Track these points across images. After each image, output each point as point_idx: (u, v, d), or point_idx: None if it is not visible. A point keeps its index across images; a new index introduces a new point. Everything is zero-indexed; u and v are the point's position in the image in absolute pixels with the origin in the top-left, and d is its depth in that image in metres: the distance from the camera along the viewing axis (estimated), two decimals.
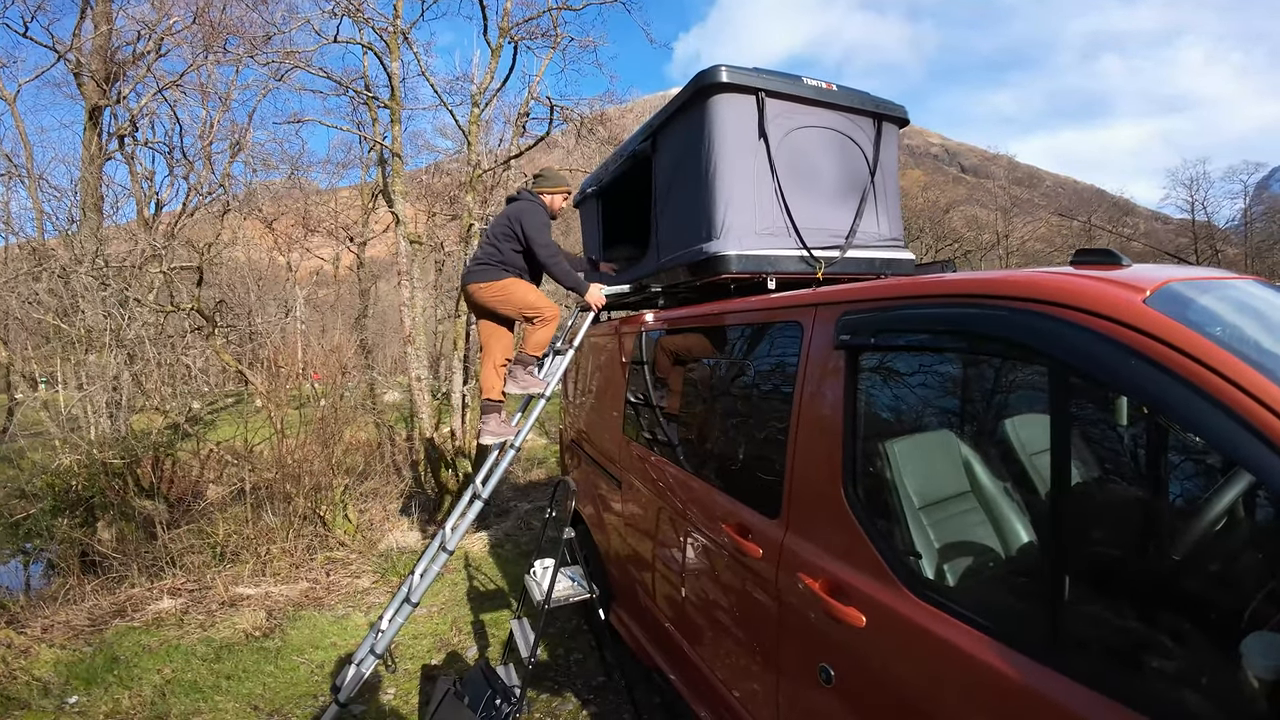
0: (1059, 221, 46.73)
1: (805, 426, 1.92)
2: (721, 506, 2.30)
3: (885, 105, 3.61)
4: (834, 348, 1.86)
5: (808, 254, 3.06)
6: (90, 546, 8.81)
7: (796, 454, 1.94)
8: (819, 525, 1.86)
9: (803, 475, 1.92)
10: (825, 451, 1.85)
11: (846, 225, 3.34)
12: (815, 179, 3.28)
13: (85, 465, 9.69)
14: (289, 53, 8.26)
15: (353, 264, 21.63)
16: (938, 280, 1.61)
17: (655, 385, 3.13)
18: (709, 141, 3.01)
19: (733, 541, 2.17)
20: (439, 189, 12.42)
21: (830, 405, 1.85)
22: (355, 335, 15.36)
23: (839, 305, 1.89)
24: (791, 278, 3.04)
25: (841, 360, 1.83)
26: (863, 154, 3.50)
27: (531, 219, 3.64)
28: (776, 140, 3.11)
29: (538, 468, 12.22)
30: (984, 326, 1.42)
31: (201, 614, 5.62)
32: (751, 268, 2.93)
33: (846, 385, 1.80)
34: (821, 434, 1.87)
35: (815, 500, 1.88)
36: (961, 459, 1.78)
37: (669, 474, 2.83)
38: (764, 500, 2.08)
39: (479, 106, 8.63)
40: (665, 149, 3.49)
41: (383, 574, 6.16)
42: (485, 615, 4.89)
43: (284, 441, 8.15)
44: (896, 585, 1.61)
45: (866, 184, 3.47)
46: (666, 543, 2.87)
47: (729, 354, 2.50)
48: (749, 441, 2.23)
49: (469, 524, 3.41)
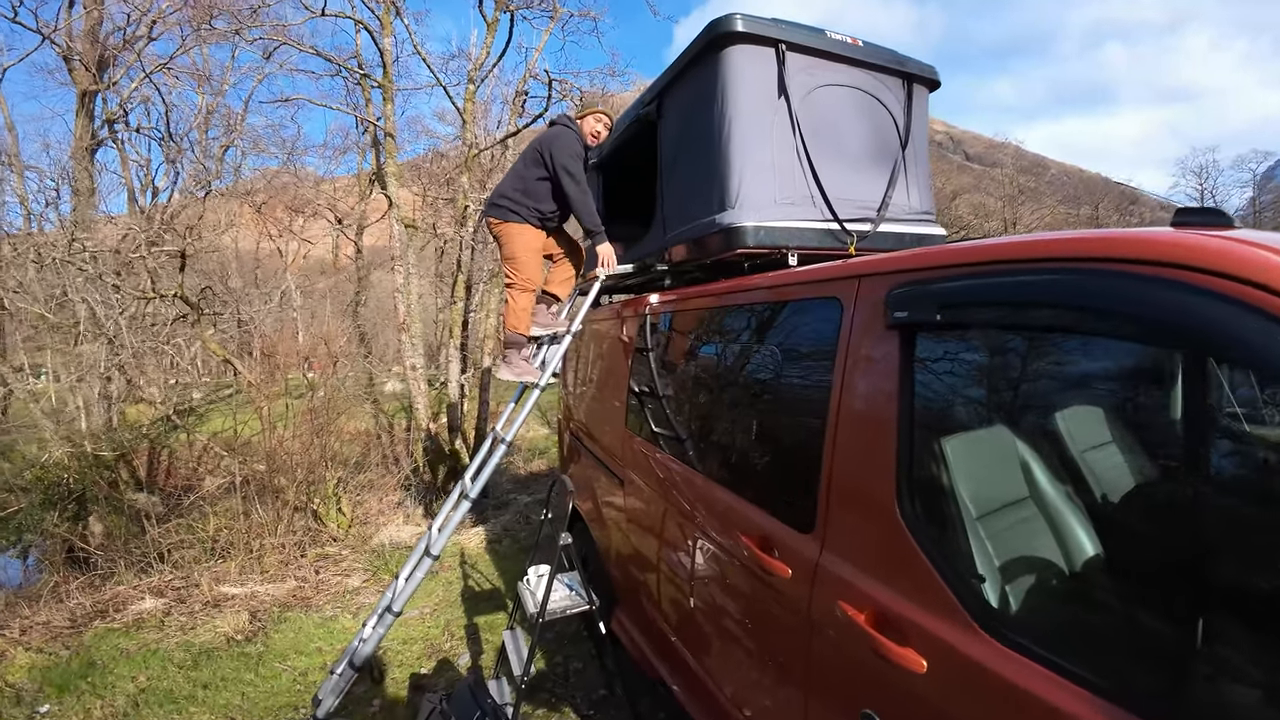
0: (1065, 210, 46.18)
1: (846, 424, 1.59)
2: (739, 515, 1.98)
3: (916, 65, 3.26)
4: (885, 327, 1.53)
5: (839, 226, 2.72)
6: (76, 542, 8.56)
7: (835, 457, 1.61)
8: (864, 543, 1.54)
9: (843, 482, 1.60)
10: (872, 454, 1.52)
11: (875, 196, 2.99)
12: (840, 144, 2.93)
13: (75, 458, 9.44)
14: (275, 25, 7.89)
15: (352, 253, 21.32)
16: (1028, 242, 1.28)
17: (661, 375, 2.81)
18: (723, 99, 2.66)
19: (754, 556, 1.85)
20: (435, 172, 12.05)
21: (879, 398, 1.52)
22: (351, 324, 15.05)
23: (888, 276, 1.56)
24: (816, 253, 2.71)
25: (894, 343, 1.50)
26: (892, 117, 3.16)
27: (561, 145, 3.32)
28: (798, 99, 2.76)
29: (539, 458, 11.93)
30: (1103, 298, 1.09)
31: (184, 615, 5.36)
32: (771, 241, 2.59)
33: (901, 373, 1.47)
34: (867, 433, 1.54)
35: (859, 512, 1.55)
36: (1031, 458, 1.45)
37: (676, 474, 2.50)
38: (793, 510, 1.76)
39: (475, 83, 8.27)
40: (673, 111, 3.15)
41: (374, 572, 5.88)
42: (480, 618, 4.59)
43: (274, 433, 7.86)
44: (968, 623, 1.29)
45: (897, 150, 3.12)
46: (673, 549, 2.55)
47: (747, 339, 2.15)
48: (773, 441, 1.90)
49: (456, 525, 3.10)
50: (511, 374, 3.47)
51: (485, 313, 10.29)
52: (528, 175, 3.42)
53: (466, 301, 10.29)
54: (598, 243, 3.32)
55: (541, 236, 3.55)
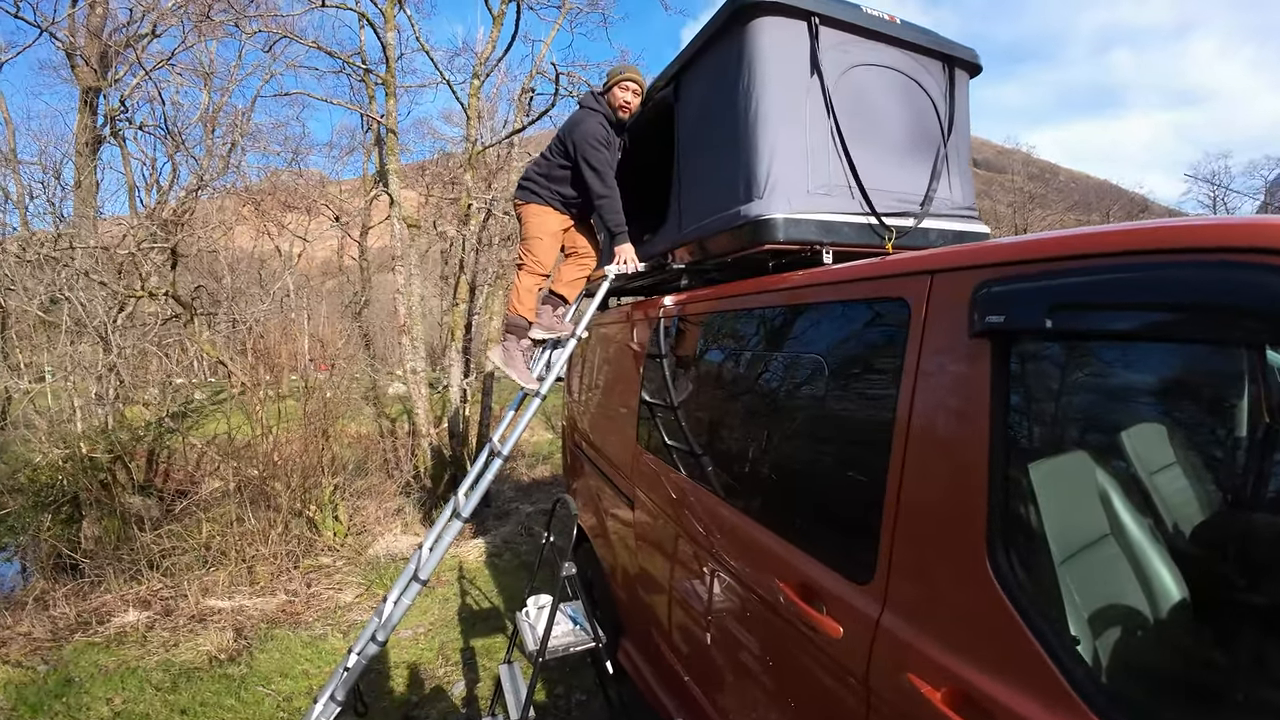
0: (1075, 217, 45.76)
1: (918, 453, 1.29)
2: (773, 555, 1.68)
3: (957, 48, 2.97)
4: (970, 334, 1.23)
5: (877, 220, 2.42)
6: (64, 547, 8.30)
7: (903, 493, 1.31)
8: (941, 600, 1.24)
9: (913, 524, 1.30)
10: (954, 491, 1.22)
11: (917, 187, 2.69)
12: (877, 130, 2.64)
13: (69, 459, 9.19)
14: (275, 16, 7.65)
15: (356, 254, 21.10)
16: (1190, 227, 0.98)
17: (678, 385, 2.51)
18: (749, 76, 2.37)
19: (793, 607, 1.55)
20: (439, 172, 11.79)
21: (962, 422, 1.23)
22: (353, 325, 14.80)
23: (973, 271, 1.26)
24: (853, 250, 2.41)
25: (982, 354, 1.20)
26: (932, 103, 2.86)
27: (584, 133, 3.09)
28: (833, 78, 2.47)
29: (542, 464, 11.63)
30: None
31: (167, 630, 5.09)
32: (803, 235, 2.29)
33: (993, 392, 1.17)
34: (947, 465, 1.24)
35: (935, 562, 1.26)
36: (1112, 487, 1.16)
37: (694, 498, 2.20)
38: (845, 555, 1.46)
39: (480, 79, 8.00)
40: (692, 93, 2.85)
41: (368, 586, 5.59)
42: (477, 641, 4.29)
43: (269, 437, 7.59)
44: (1075, 705, 1.00)
45: (938, 139, 2.82)
46: (688, 580, 2.25)
47: (782, 346, 1.84)
48: (817, 469, 1.59)
49: (448, 546, 2.81)
50: (501, 361, 3.23)
51: (489, 315, 10.01)
52: (552, 161, 3.24)
53: (470, 304, 10.02)
54: (619, 242, 3.09)
55: (563, 221, 3.34)
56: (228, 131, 11.83)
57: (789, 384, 1.75)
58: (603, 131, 3.12)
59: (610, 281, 3.19)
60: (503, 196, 9.35)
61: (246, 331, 7.27)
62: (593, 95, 3.25)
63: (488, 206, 8.87)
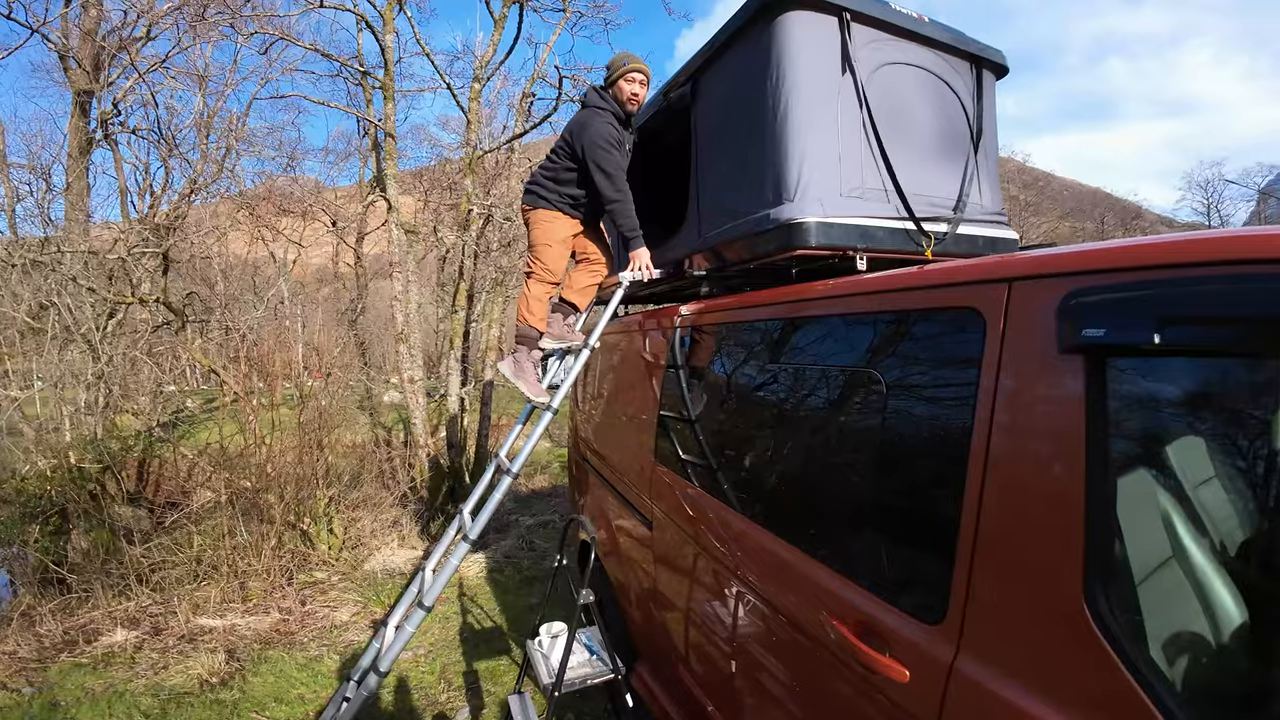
0: (1071, 224, 45.98)
1: (999, 481, 1.16)
2: (822, 588, 1.54)
3: (984, 49, 2.86)
4: (1060, 349, 1.10)
5: (915, 225, 2.30)
6: (57, 559, 8.08)
7: (981, 524, 1.18)
8: (1028, 644, 1.10)
9: (993, 559, 1.16)
10: (1042, 522, 1.09)
11: (949, 192, 2.58)
12: (909, 131, 2.52)
13: (57, 470, 8.97)
14: (269, 16, 7.51)
15: (352, 260, 20.93)
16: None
17: (704, 400, 2.37)
18: (777, 73, 2.25)
19: (846, 645, 1.41)
20: (438, 176, 11.65)
21: (1052, 447, 1.10)
22: (349, 333, 14.61)
23: (1060, 279, 1.13)
24: (889, 257, 2.29)
25: (1075, 370, 1.07)
26: (961, 105, 2.74)
27: (591, 133, 2.96)
28: (865, 76, 2.35)
29: (541, 474, 11.44)
30: None
31: (156, 650, 4.91)
32: (837, 240, 2.16)
33: (1090, 414, 1.04)
34: (1034, 493, 1.11)
35: (1020, 600, 1.12)
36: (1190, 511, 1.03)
37: (727, 523, 2.06)
38: (911, 592, 1.32)
39: (480, 81, 7.87)
40: (712, 92, 2.73)
41: (365, 604, 5.41)
42: (480, 664, 4.13)
43: (262, 447, 7.40)
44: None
45: (968, 141, 2.71)
46: (717, 612, 2.11)
47: (829, 359, 1.70)
48: (874, 497, 1.45)
49: (454, 571, 2.66)
50: (510, 373, 3.10)
51: (488, 323, 9.86)
52: (558, 164, 3.11)
53: (468, 311, 9.87)
54: (634, 247, 2.96)
55: (572, 226, 3.20)
56: (222, 136, 11.69)
57: (837, 401, 1.60)
58: (613, 132, 3.00)
59: (624, 289, 3.05)
60: (502, 202, 9.22)
61: (239, 339, 7.08)
62: (597, 92, 3.12)
63: (487, 212, 8.74)
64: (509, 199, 8.97)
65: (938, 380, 1.32)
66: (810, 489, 1.68)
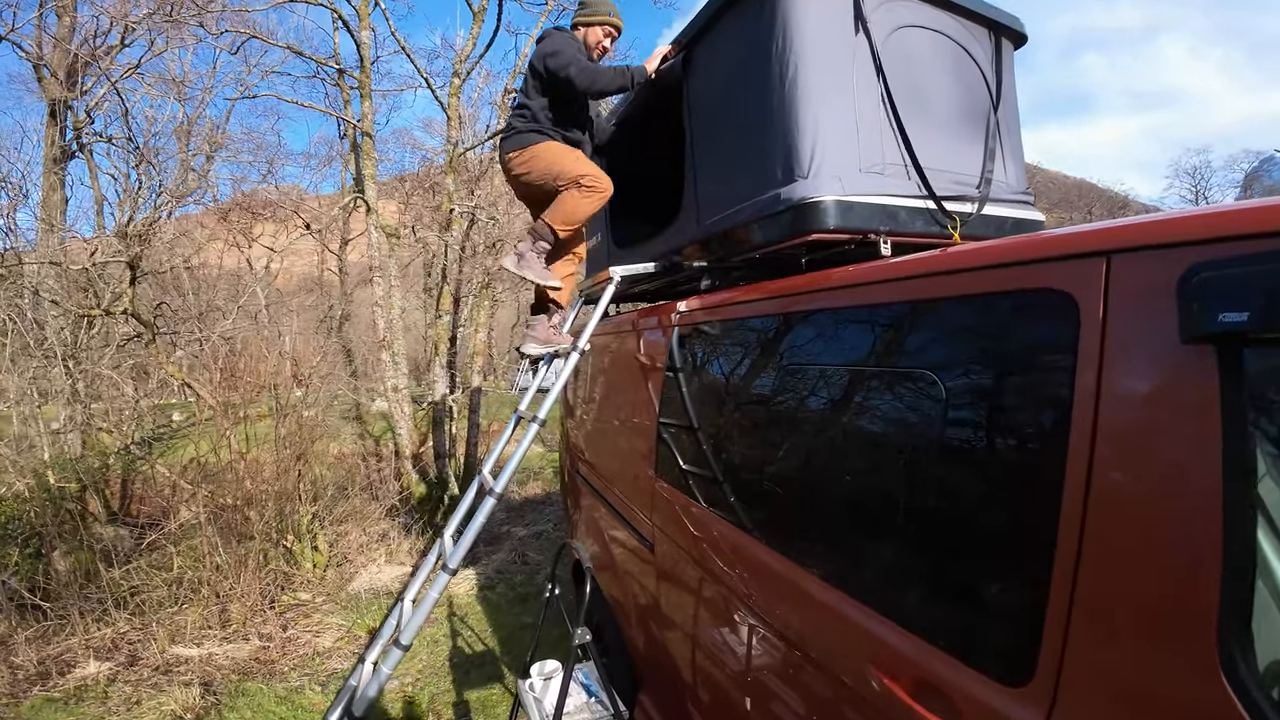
0: (1059, 214, 46.06)
1: (1106, 510, 0.90)
2: (864, 632, 1.28)
3: (1003, 15, 2.62)
4: (1184, 339, 0.84)
5: (937, 205, 2.04)
6: (34, 583, 7.75)
7: (1083, 564, 0.92)
8: (1143, 712, 0.85)
9: (1098, 607, 0.91)
10: (1164, 564, 0.84)
11: (971, 168, 2.32)
12: (928, 102, 2.26)
13: (36, 490, 8.63)
14: (238, 12, 7.20)
15: (336, 267, 20.57)
16: None
17: (708, 408, 2.10)
18: (784, 35, 1.99)
19: (897, 704, 1.16)
20: (420, 177, 11.34)
21: (1177, 466, 0.84)
22: (332, 341, 14.27)
23: (1177, 250, 0.88)
24: (912, 240, 2.03)
25: (1206, 366, 0.81)
26: (982, 74, 2.50)
27: (557, 47, 2.73)
28: (880, 39, 2.10)
29: (533, 480, 11.15)
30: None
31: (130, 683, 4.64)
32: (858, 222, 1.91)
33: (1228, 422, 0.79)
34: (1155, 526, 0.85)
35: (1133, 664, 0.86)
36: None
37: (738, 549, 1.79)
38: (984, 646, 1.06)
39: (460, 77, 7.59)
40: (708, 64, 2.46)
41: (349, 627, 5.12)
42: (472, 693, 3.84)
43: (241, 462, 7.08)
44: None
45: (990, 114, 2.46)
46: (729, 647, 1.84)
47: (869, 358, 1.41)
48: (934, 526, 1.17)
49: (433, 604, 2.39)
50: (514, 266, 2.88)
51: (475, 328, 9.56)
52: (533, 103, 2.83)
53: (454, 316, 9.57)
54: (640, 77, 2.71)
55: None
56: (200, 145, 11.35)
57: (878, 410, 1.33)
58: (577, 49, 2.78)
59: (615, 286, 2.79)
60: (486, 203, 8.94)
61: (212, 351, 6.76)
62: (558, 27, 2.90)
63: (471, 213, 8.45)
64: (492, 198, 8.69)
65: (1016, 383, 1.06)
66: (847, 516, 1.40)
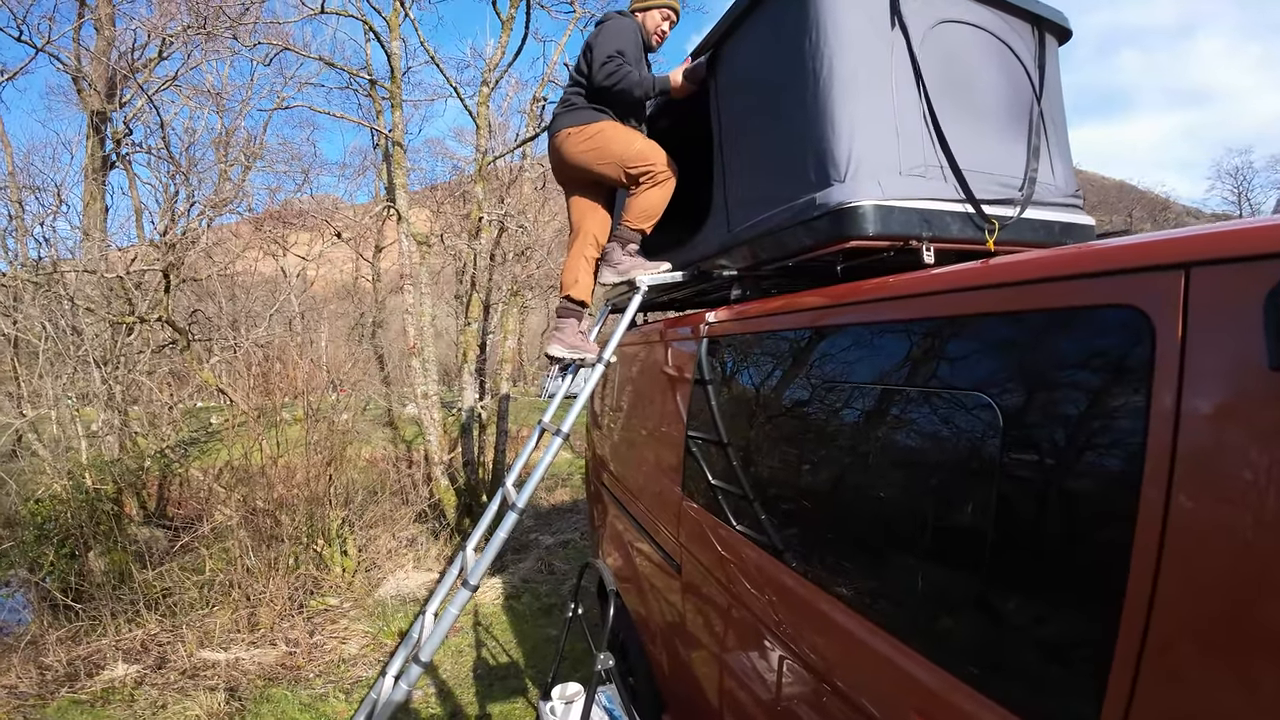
0: (1099, 216, 44.89)
1: (1185, 550, 0.80)
2: (909, 678, 1.17)
3: (1045, 10, 2.50)
4: (1273, 365, 0.74)
5: (975, 209, 1.93)
6: (65, 583, 7.94)
7: (1156, 610, 0.81)
8: None
9: (1169, 667, 0.80)
10: (1251, 620, 0.73)
11: (1015, 169, 2.20)
12: (970, 101, 2.15)
13: (73, 491, 8.87)
14: (270, 24, 7.33)
15: (370, 274, 20.86)
16: None
17: (740, 426, 2.01)
18: (818, 30, 1.90)
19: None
20: (451, 188, 11.44)
21: (1261, 511, 0.73)
22: (365, 347, 14.46)
23: (1262, 263, 0.77)
24: (957, 247, 1.92)
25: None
26: (1025, 70, 2.38)
27: (607, 32, 2.68)
28: (918, 34, 1.99)
29: (562, 487, 11.14)
30: None
31: (156, 686, 4.68)
32: (899, 228, 1.80)
33: None
34: (1240, 569, 0.75)
35: (1215, 715, 0.76)
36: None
37: (771, 579, 1.69)
38: (1044, 696, 0.96)
39: (489, 85, 7.62)
40: (738, 63, 2.38)
41: (374, 634, 5.11)
42: (495, 706, 3.79)
43: (274, 466, 7.17)
44: None
45: (1034, 112, 2.33)
46: (759, 680, 1.74)
47: (913, 378, 1.29)
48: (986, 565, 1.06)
49: (454, 619, 2.33)
50: (615, 275, 2.83)
51: (504, 334, 9.59)
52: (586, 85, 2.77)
53: (484, 322, 9.61)
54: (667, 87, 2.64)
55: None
56: (238, 155, 11.61)
57: (926, 432, 1.22)
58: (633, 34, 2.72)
59: (642, 295, 2.71)
60: (515, 211, 8.96)
61: (246, 358, 6.87)
62: (619, 11, 2.86)
63: (501, 221, 8.48)
64: (521, 206, 8.71)
65: (1082, 409, 0.95)
66: (887, 548, 1.30)
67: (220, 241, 11.61)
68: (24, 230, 9.54)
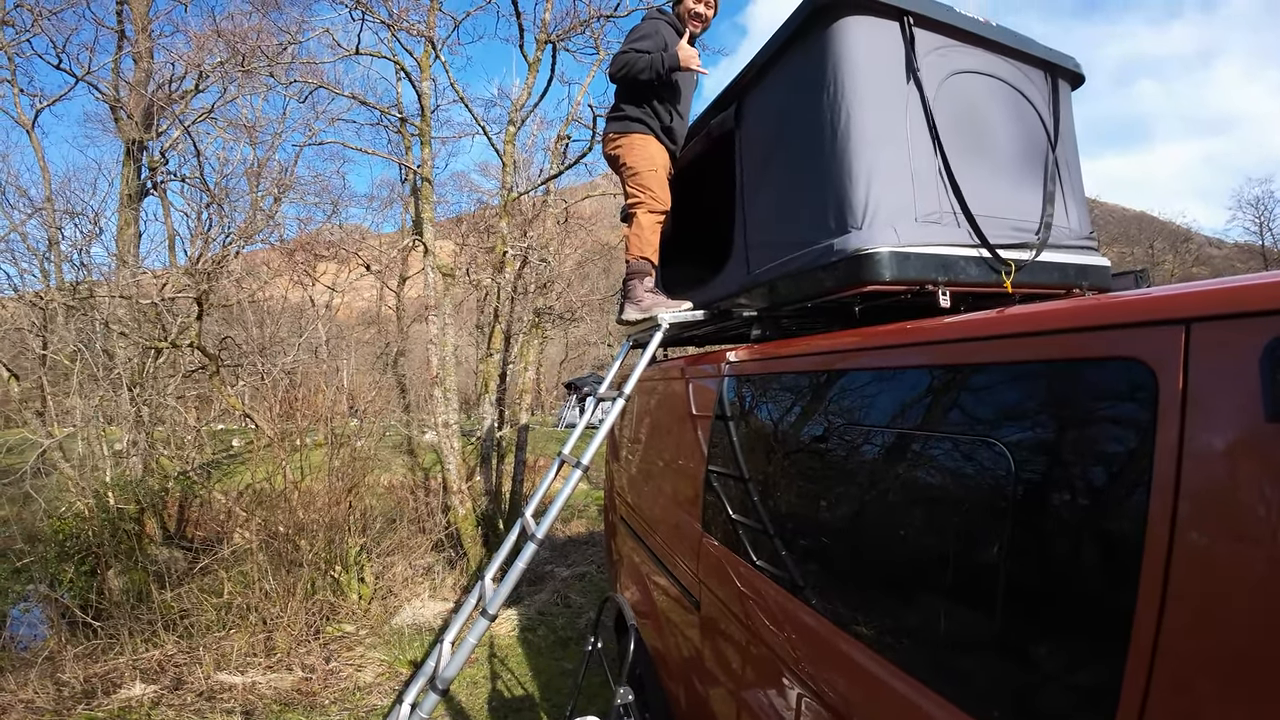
0: (1120, 249, 44.45)
1: (1187, 599, 0.82)
2: (920, 714, 1.19)
3: (1058, 55, 2.58)
4: (1269, 417, 0.77)
5: (990, 254, 1.98)
6: (85, 600, 8.03)
7: (1161, 656, 0.84)
8: None
9: (1180, 708, 0.82)
10: (1259, 680, 0.75)
11: (1030, 214, 2.25)
12: (983, 148, 2.22)
13: (96, 510, 9.01)
14: (306, 63, 7.64)
15: (394, 304, 21.23)
16: None
17: (760, 465, 2.04)
18: (835, 84, 1.98)
19: None
20: (475, 219, 11.71)
21: (1265, 569, 0.76)
22: (388, 376, 14.65)
23: (1259, 320, 0.82)
24: (972, 290, 1.97)
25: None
26: (1039, 117, 2.44)
27: (628, 35, 2.93)
28: (932, 86, 2.07)
29: (578, 518, 11.12)
30: None
31: (173, 707, 4.71)
32: (914, 273, 1.86)
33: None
34: (1243, 621, 0.78)
35: None
36: None
37: (792, 619, 1.71)
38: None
39: (515, 125, 7.85)
40: (759, 112, 2.47)
41: (390, 663, 5.12)
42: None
43: (296, 492, 7.27)
44: None
45: (1048, 158, 2.39)
46: (778, 713, 1.75)
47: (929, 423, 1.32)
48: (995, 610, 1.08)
49: (471, 649, 2.36)
50: (639, 311, 2.91)
51: (524, 365, 9.71)
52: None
53: (504, 353, 9.73)
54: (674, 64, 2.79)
55: (665, 155, 3.04)
56: (270, 187, 11.97)
57: (942, 476, 1.26)
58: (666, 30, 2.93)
59: (663, 331, 2.78)
60: (538, 245, 9.14)
61: (273, 384, 7.02)
62: (658, 8, 3.05)
63: (523, 254, 8.65)
64: (544, 240, 8.89)
65: (1090, 458, 0.99)
66: (907, 589, 1.33)
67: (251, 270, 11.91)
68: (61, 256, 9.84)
